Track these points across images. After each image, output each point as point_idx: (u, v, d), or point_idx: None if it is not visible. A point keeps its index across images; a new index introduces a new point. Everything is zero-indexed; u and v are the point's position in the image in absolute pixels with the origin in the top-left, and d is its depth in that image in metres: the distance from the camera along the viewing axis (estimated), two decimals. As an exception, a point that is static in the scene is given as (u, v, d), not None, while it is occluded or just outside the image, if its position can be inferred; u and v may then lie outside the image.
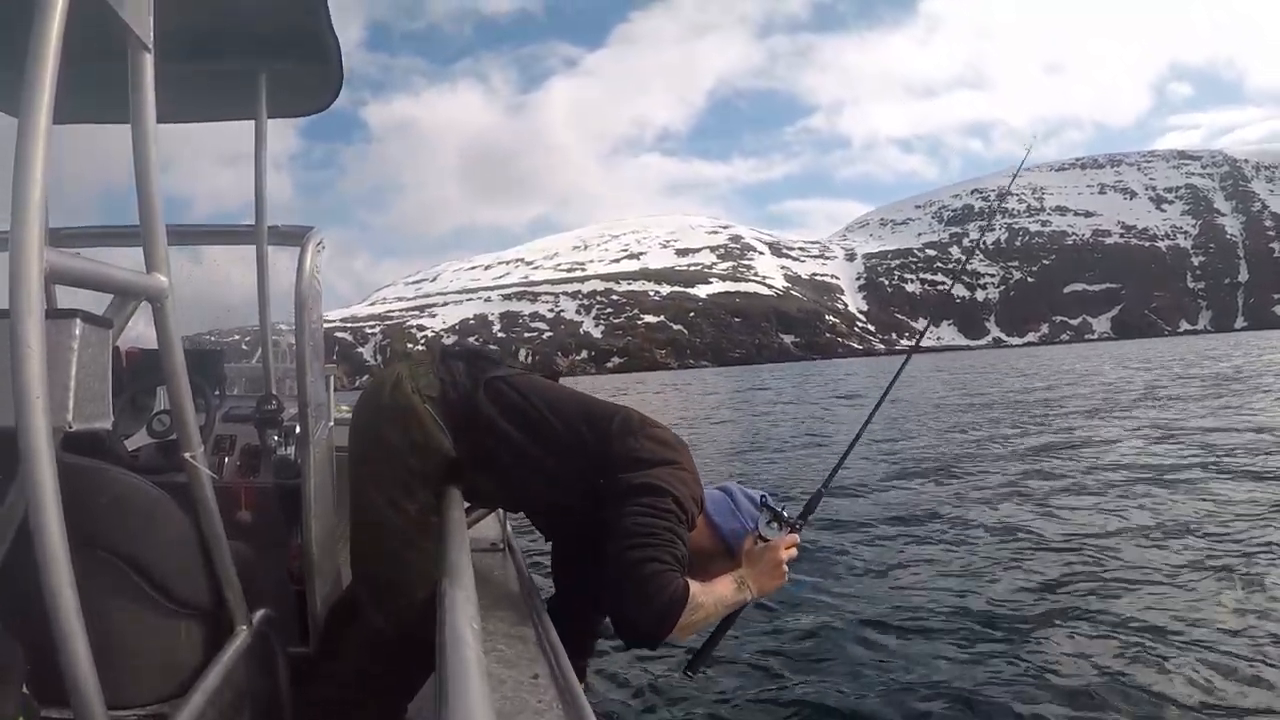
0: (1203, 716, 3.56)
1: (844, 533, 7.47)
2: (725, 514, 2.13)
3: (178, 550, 1.64)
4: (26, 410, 0.99)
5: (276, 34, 2.70)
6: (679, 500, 1.87)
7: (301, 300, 2.43)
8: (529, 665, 1.74)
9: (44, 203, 1.01)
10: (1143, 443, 12.33)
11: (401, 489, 1.95)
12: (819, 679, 4.22)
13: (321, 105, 3.18)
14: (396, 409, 1.98)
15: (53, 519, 1.02)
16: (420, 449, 1.95)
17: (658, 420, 2.13)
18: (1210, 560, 5.85)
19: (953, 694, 3.91)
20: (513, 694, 1.58)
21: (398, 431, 1.96)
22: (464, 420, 2.00)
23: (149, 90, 1.34)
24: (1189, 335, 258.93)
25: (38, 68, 1.01)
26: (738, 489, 2.20)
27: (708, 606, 1.81)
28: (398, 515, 1.94)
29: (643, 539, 1.78)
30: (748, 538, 2.05)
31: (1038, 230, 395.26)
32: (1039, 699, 3.80)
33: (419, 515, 1.95)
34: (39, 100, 1.01)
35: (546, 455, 2.00)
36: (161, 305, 1.41)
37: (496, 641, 1.87)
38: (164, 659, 1.63)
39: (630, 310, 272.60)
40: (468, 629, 1.16)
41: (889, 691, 4.02)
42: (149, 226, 1.38)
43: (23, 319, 0.98)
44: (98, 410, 1.22)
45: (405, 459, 1.95)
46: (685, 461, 2.01)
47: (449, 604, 1.29)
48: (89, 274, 1.22)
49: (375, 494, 1.97)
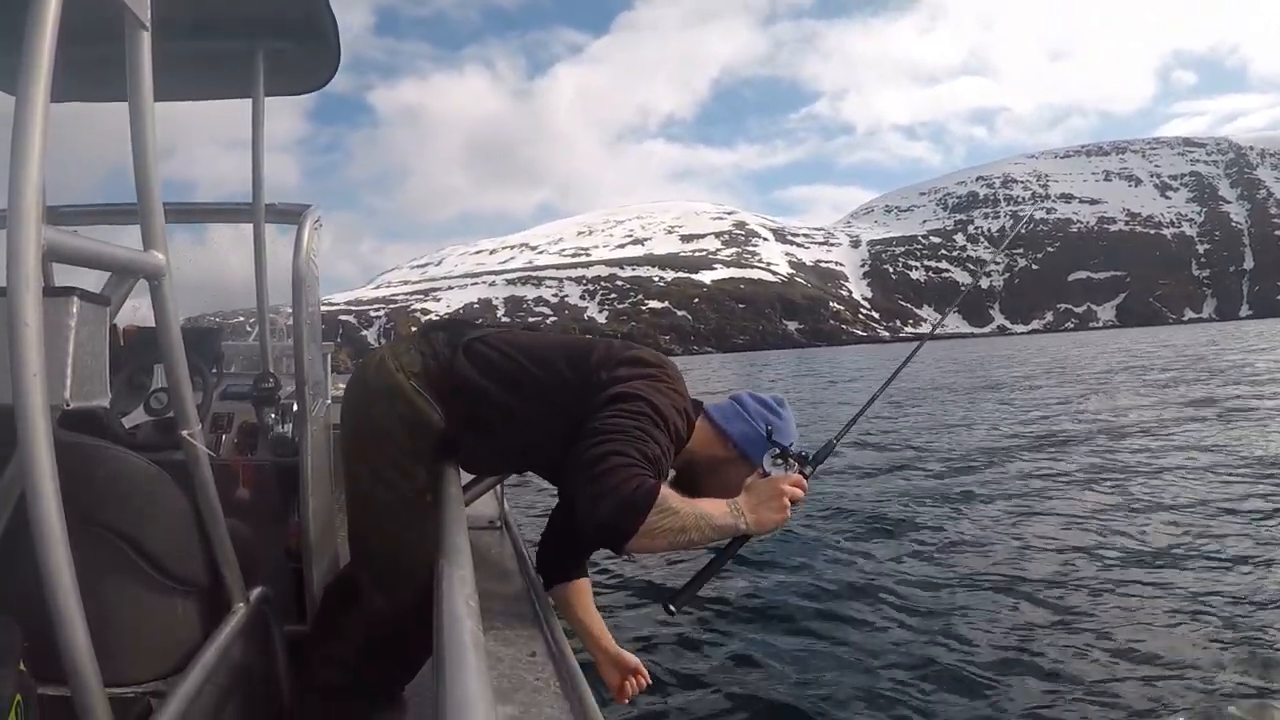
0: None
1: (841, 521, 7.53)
2: (732, 417, 2.04)
3: (175, 528, 1.65)
4: (24, 388, 0.99)
5: (274, 12, 2.69)
6: (654, 405, 1.79)
7: (299, 278, 2.43)
8: (527, 643, 1.76)
9: (41, 181, 1.01)
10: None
11: (396, 469, 1.91)
12: (814, 674, 4.26)
13: (319, 84, 3.17)
14: (382, 388, 1.93)
15: (50, 497, 1.03)
16: (410, 426, 1.91)
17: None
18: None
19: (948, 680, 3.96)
20: (510, 671, 1.59)
21: (385, 411, 1.91)
22: (448, 388, 1.95)
23: (146, 69, 1.33)
24: (1194, 324, 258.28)
25: (35, 46, 1.01)
26: (748, 395, 2.11)
27: (685, 516, 1.66)
28: (394, 496, 1.92)
29: (609, 435, 1.70)
30: (754, 471, 1.94)
31: (1042, 218, 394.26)
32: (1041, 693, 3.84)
33: (415, 495, 1.92)
34: (37, 78, 1.00)
35: (533, 407, 1.93)
36: (159, 283, 1.41)
37: (494, 619, 1.88)
38: (161, 637, 1.64)
39: (634, 296, 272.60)
40: (465, 607, 1.17)
41: (884, 678, 4.06)
42: (146, 205, 1.38)
43: (20, 296, 0.98)
44: (95, 388, 1.22)
45: (397, 438, 1.91)
46: (664, 375, 1.93)
47: (446, 583, 1.29)
48: (86, 252, 1.22)
49: (370, 476, 1.94)
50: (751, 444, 1.99)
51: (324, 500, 2.59)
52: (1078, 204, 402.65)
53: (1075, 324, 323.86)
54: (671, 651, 4.46)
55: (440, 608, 1.21)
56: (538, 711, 1.40)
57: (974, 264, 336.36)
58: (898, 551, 6.38)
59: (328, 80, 3.11)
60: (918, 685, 3.91)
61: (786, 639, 4.65)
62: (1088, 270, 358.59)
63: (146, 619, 1.61)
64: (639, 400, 1.79)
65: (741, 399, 2.09)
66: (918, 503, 8.13)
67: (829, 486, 8.77)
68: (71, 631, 1.08)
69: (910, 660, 4.21)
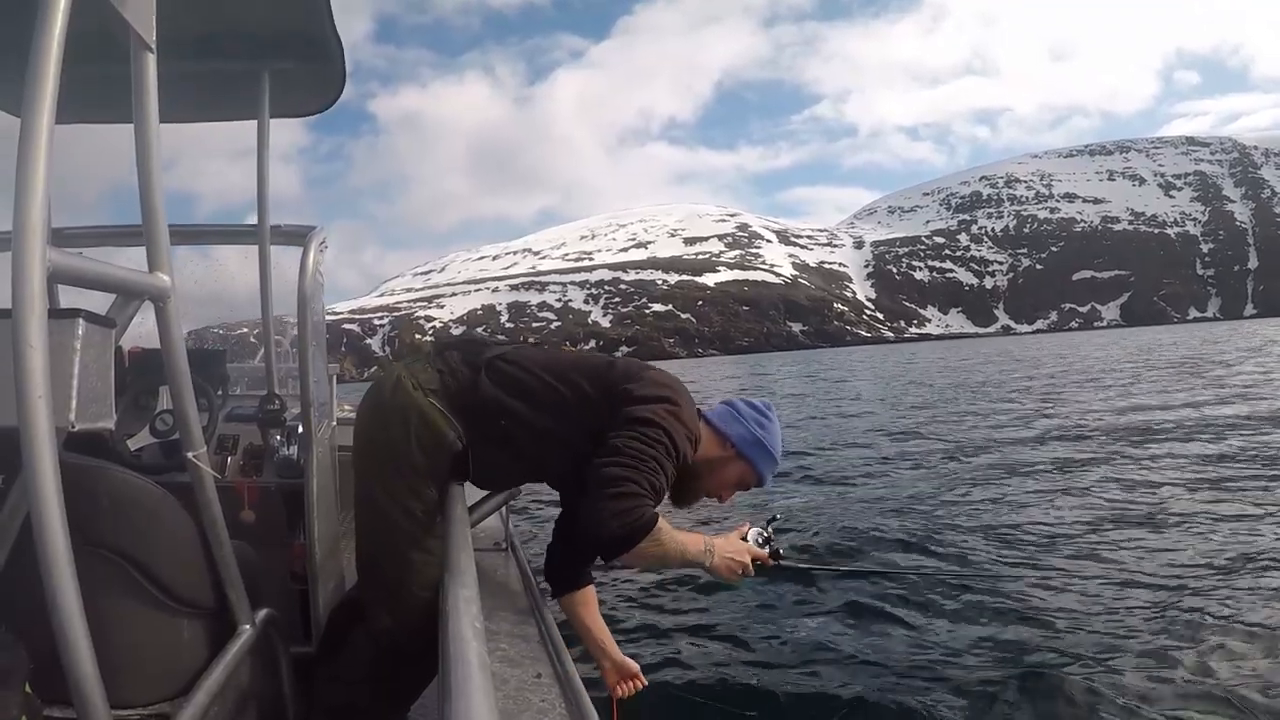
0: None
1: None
2: (728, 420, 2.27)
3: (180, 550, 1.64)
4: (29, 410, 0.99)
5: (279, 34, 2.70)
6: (670, 435, 1.96)
7: (304, 300, 2.43)
8: (532, 664, 1.74)
9: (46, 202, 1.01)
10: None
11: (408, 489, 1.96)
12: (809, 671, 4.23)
13: (324, 105, 3.18)
14: (398, 408, 2.00)
15: (55, 519, 1.02)
16: (425, 445, 1.97)
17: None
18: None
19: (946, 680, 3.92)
20: (516, 693, 1.58)
21: (401, 430, 1.97)
22: (468, 405, 2.03)
23: (152, 90, 1.33)
24: (1198, 323, 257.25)
25: (40, 67, 1.01)
26: (741, 401, 2.35)
27: (668, 545, 1.91)
28: (404, 517, 1.96)
29: (629, 460, 1.88)
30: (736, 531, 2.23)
31: (1046, 217, 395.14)
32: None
33: (425, 516, 1.97)
34: (41, 100, 1.01)
35: (559, 422, 2.05)
36: (164, 305, 1.41)
37: (500, 641, 1.88)
38: (167, 658, 1.63)
39: (638, 299, 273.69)
40: (470, 629, 1.16)
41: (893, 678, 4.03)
42: (151, 226, 1.38)
43: (25, 318, 0.98)
44: (100, 410, 1.22)
45: (411, 457, 1.96)
46: (682, 402, 2.09)
47: (452, 604, 1.29)
48: (91, 273, 1.22)
49: (382, 496, 1.99)
50: (747, 444, 2.24)
51: (329, 522, 2.58)
52: (1081, 203, 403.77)
53: (1080, 324, 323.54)
54: (670, 652, 4.45)
55: (446, 629, 1.20)
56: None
57: (978, 264, 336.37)
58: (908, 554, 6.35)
59: (333, 101, 3.12)
60: (918, 686, 3.88)
61: (788, 638, 4.63)
62: (1092, 270, 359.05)
63: (151, 641, 1.61)
64: (658, 429, 1.95)
65: (735, 404, 2.33)
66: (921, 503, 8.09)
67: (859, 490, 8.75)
68: (77, 653, 1.08)
69: (910, 661, 4.18)
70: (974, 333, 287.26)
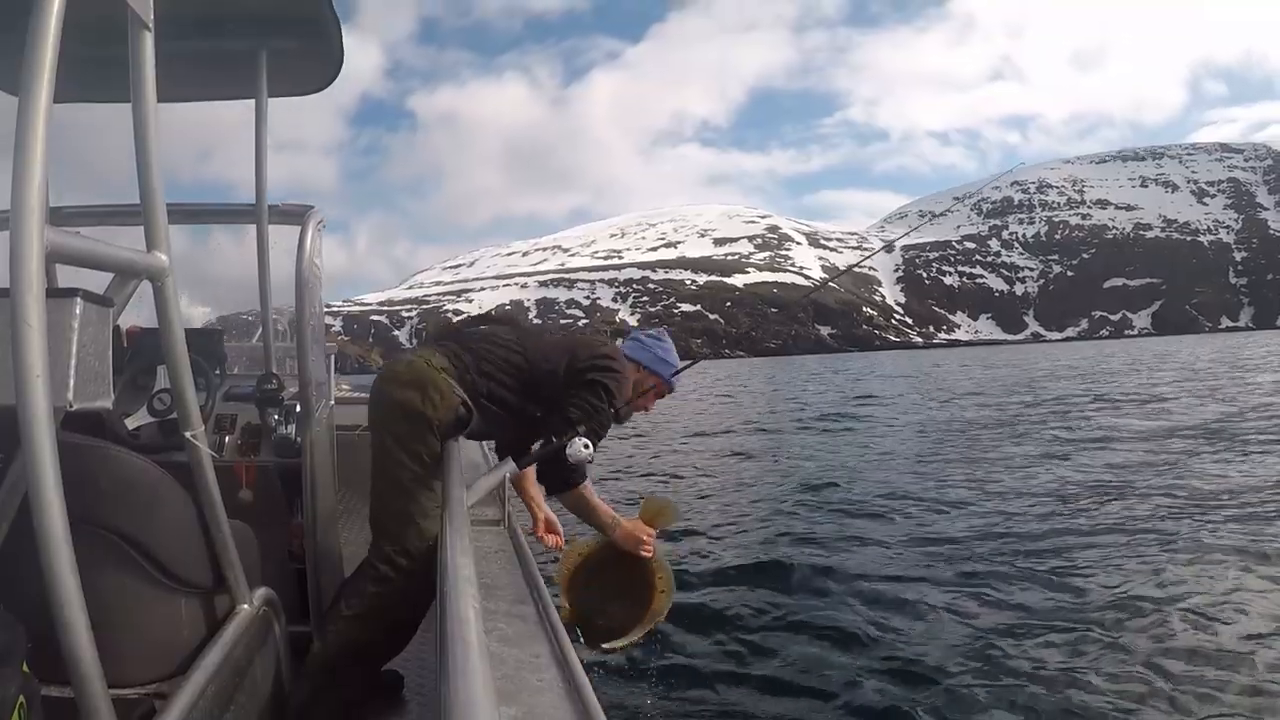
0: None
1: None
2: (640, 352, 2.84)
3: (178, 529, 1.65)
4: (27, 389, 0.99)
5: (277, 13, 2.68)
6: (612, 396, 2.55)
7: (302, 280, 2.42)
8: (530, 644, 1.75)
9: (44, 182, 1.01)
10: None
11: (417, 438, 2.31)
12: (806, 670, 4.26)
13: (321, 85, 3.16)
14: (413, 375, 2.35)
15: (53, 498, 1.03)
16: (433, 401, 2.31)
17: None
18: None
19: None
20: (514, 672, 1.58)
21: (414, 390, 2.32)
22: (471, 376, 2.42)
23: (149, 69, 1.33)
24: (1229, 332, 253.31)
25: (38, 47, 1.00)
26: (644, 335, 2.96)
27: (594, 499, 2.65)
28: (413, 460, 2.30)
29: (587, 407, 2.47)
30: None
31: (1078, 224, 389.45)
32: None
33: (432, 459, 2.32)
34: (40, 79, 1.00)
35: (540, 404, 2.55)
36: (161, 284, 1.41)
37: (497, 620, 1.88)
38: (164, 637, 1.64)
39: (666, 299, 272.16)
40: (469, 609, 1.17)
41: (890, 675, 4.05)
42: (149, 205, 1.37)
43: (23, 298, 0.98)
44: (98, 389, 1.22)
45: (421, 410, 2.30)
46: (622, 369, 2.64)
47: (450, 583, 1.29)
48: (89, 253, 1.22)
49: (393, 444, 2.31)
50: (657, 365, 2.84)
51: (327, 501, 2.58)
52: (1113, 210, 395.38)
53: (1110, 331, 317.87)
54: (672, 653, 4.46)
55: (444, 608, 1.21)
56: (541, 713, 1.39)
57: (1008, 269, 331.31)
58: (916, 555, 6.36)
59: (331, 80, 3.10)
60: (917, 688, 3.90)
61: (790, 639, 4.65)
62: (1123, 277, 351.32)
63: (150, 620, 1.62)
64: (607, 392, 2.53)
65: (638, 338, 2.93)
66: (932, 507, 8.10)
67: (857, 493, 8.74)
68: (75, 632, 1.08)
69: (912, 663, 4.20)
70: (1003, 339, 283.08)
